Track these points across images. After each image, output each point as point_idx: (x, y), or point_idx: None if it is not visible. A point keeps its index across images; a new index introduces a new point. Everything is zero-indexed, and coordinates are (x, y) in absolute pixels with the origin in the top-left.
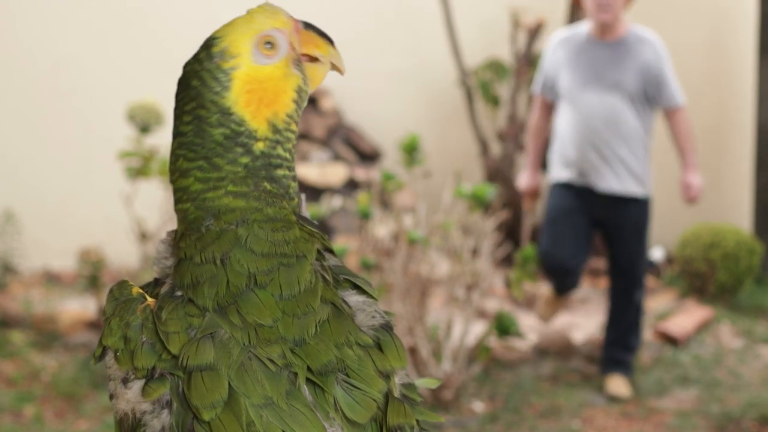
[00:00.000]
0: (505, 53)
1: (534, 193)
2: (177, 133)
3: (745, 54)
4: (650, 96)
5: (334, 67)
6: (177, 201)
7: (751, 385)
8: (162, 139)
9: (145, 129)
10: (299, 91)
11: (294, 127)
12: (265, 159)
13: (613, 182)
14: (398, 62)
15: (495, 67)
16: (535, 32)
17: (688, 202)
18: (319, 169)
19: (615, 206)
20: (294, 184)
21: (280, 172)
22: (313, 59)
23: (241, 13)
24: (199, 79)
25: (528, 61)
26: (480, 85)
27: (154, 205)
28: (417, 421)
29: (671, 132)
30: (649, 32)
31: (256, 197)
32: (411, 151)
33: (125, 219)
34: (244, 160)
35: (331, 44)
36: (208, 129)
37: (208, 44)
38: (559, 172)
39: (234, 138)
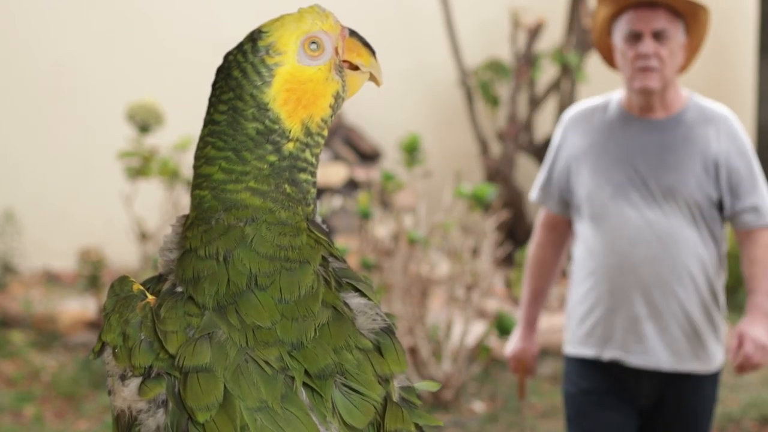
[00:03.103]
0: (505, 53)
1: (525, 366)
2: (210, 121)
3: (745, 54)
4: (723, 207)
5: (372, 78)
6: (195, 186)
7: (751, 385)
8: (162, 139)
9: (144, 129)
10: (337, 97)
11: (325, 132)
12: (291, 160)
13: (662, 355)
14: (398, 62)
15: (495, 67)
16: (535, 32)
17: (736, 362)
18: (319, 169)
19: (666, 389)
20: (313, 191)
21: (302, 176)
22: (354, 67)
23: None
24: (241, 71)
25: (528, 61)
26: (480, 85)
27: (154, 205)
28: (416, 425)
29: (744, 255)
30: (718, 106)
31: (273, 198)
32: (411, 150)
33: (125, 219)
34: (272, 158)
35: (373, 55)
36: (242, 121)
37: (255, 37)
38: (575, 341)
39: (266, 134)
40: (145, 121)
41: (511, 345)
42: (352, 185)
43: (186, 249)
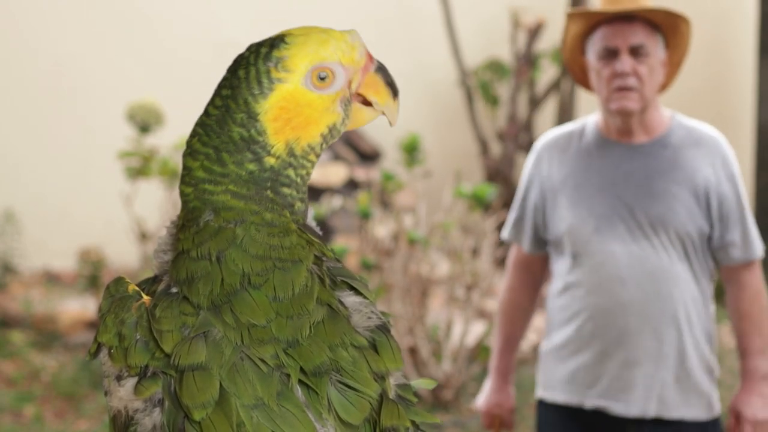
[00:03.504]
0: (505, 53)
1: (500, 421)
2: (205, 111)
3: (745, 54)
4: (712, 239)
5: (386, 115)
6: (182, 179)
7: None
8: (162, 139)
9: (145, 129)
10: (332, 128)
11: (313, 157)
12: (272, 174)
13: (652, 403)
14: (398, 62)
15: (495, 67)
16: (535, 32)
17: None
18: (319, 169)
19: None
20: (300, 205)
21: (286, 190)
22: (368, 102)
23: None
24: (246, 72)
25: (528, 61)
26: (480, 85)
27: (154, 205)
28: (413, 422)
29: (731, 304)
30: (706, 127)
31: (256, 201)
32: (411, 151)
33: (125, 219)
34: (251, 167)
35: (394, 95)
36: (230, 122)
37: (275, 43)
38: (553, 386)
39: (249, 143)
40: (145, 121)
41: (484, 398)
42: (352, 185)
43: (179, 251)
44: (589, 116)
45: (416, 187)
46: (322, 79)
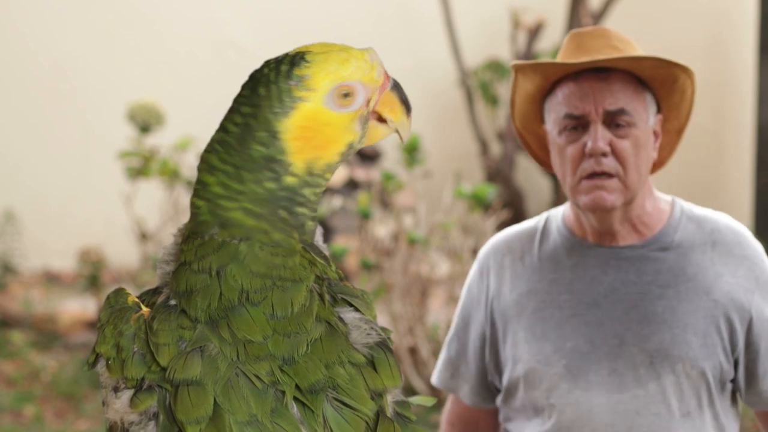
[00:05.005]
0: (505, 53)
1: None
2: (223, 127)
3: (745, 54)
4: (737, 374)
5: (397, 132)
6: (194, 193)
7: None
8: (162, 139)
9: (145, 129)
10: (350, 146)
11: (329, 176)
12: (289, 193)
13: None
14: (398, 62)
15: (495, 67)
16: (535, 32)
17: None
18: None
19: None
20: (311, 224)
21: (300, 209)
22: (382, 119)
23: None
24: (267, 90)
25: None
26: (480, 85)
27: (154, 205)
28: None
29: None
30: (721, 217)
31: (268, 221)
32: (411, 151)
33: (125, 219)
34: (270, 185)
35: (408, 112)
36: (250, 141)
37: (295, 61)
38: None
39: (269, 161)
40: (145, 121)
41: None
42: (352, 185)
43: (181, 262)
44: (554, 209)
45: (416, 187)
46: (345, 97)
